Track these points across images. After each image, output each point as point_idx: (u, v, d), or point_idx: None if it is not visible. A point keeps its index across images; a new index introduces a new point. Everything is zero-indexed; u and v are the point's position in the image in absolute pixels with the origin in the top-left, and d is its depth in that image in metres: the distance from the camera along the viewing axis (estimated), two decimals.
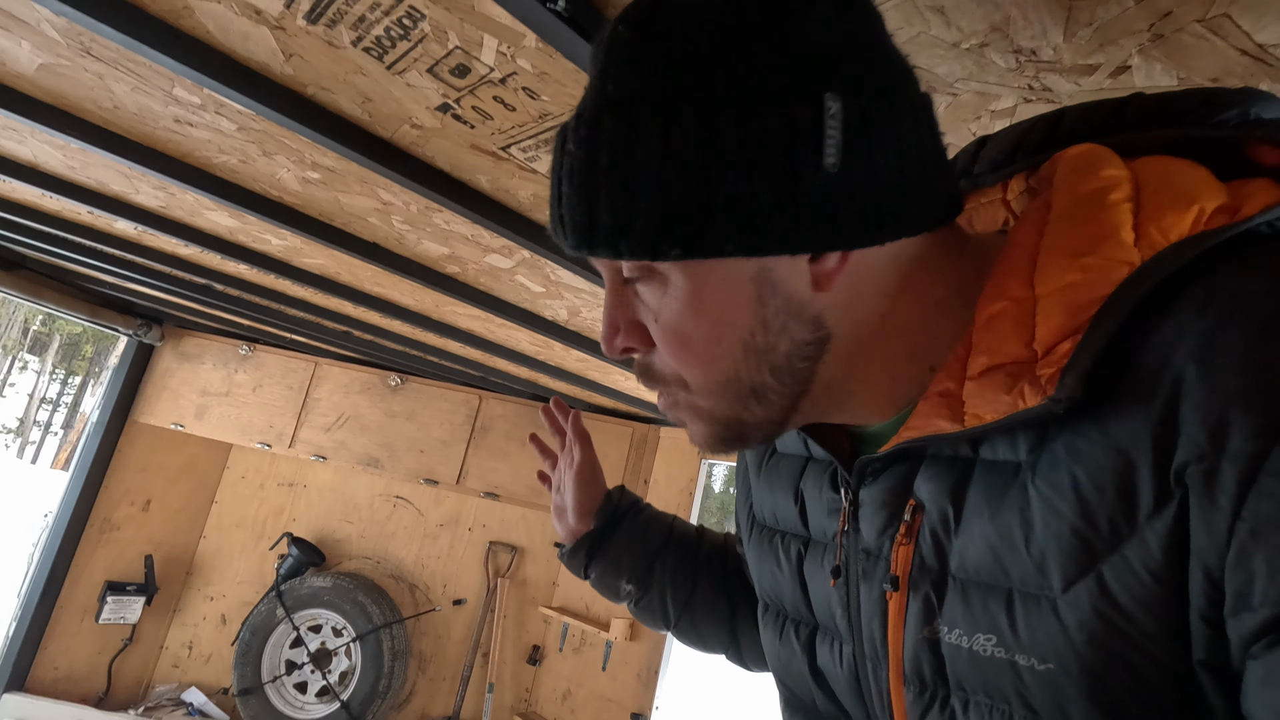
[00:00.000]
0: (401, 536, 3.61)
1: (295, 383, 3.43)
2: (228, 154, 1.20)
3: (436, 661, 3.45)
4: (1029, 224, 0.41)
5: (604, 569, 0.79)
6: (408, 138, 1.00)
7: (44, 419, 36.70)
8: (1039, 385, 0.35)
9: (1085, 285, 0.36)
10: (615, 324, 0.46)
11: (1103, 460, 0.34)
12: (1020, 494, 0.37)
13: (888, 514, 0.45)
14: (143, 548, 3.49)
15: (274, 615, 3.39)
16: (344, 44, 0.80)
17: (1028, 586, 0.37)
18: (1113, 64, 0.58)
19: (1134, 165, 0.39)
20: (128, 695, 3.46)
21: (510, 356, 2.35)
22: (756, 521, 0.63)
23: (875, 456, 0.45)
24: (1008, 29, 0.57)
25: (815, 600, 0.54)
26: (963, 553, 0.40)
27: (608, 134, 0.38)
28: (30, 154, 1.41)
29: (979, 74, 0.63)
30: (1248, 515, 0.29)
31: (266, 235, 1.64)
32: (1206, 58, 0.56)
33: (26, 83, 1.07)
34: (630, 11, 0.41)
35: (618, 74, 0.40)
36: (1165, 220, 0.36)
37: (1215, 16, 0.52)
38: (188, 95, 1.01)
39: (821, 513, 0.53)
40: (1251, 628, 0.29)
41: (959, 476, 0.41)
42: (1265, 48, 0.53)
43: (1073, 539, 0.35)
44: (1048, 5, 0.54)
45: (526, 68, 0.77)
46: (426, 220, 1.33)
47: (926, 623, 0.42)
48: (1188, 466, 0.31)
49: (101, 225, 1.88)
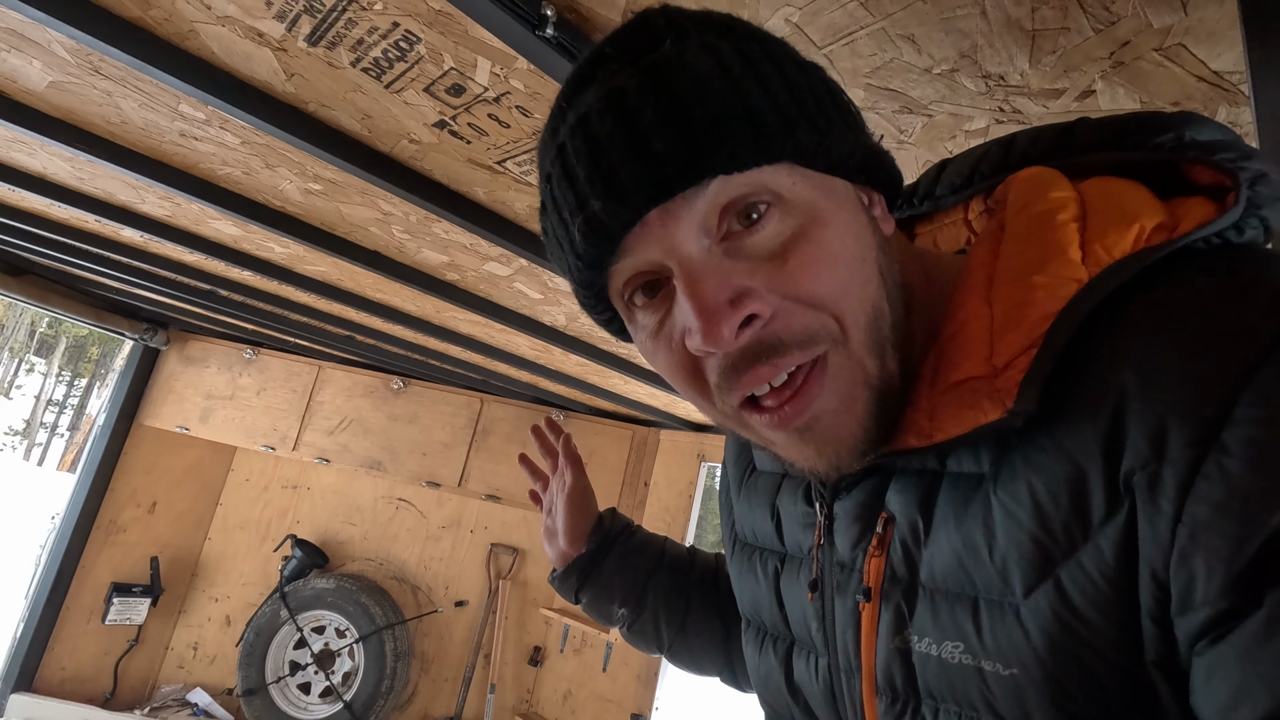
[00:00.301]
0: (404, 538, 3.64)
1: (299, 386, 3.46)
2: (232, 166, 1.23)
3: (439, 662, 3.48)
4: (985, 244, 0.43)
5: (596, 593, 0.79)
6: (406, 152, 1.03)
7: (50, 421, 36.84)
8: (998, 399, 0.37)
9: (1037, 302, 0.37)
10: (724, 290, 0.38)
11: (1057, 469, 0.35)
12: (983, 504, 0.38)
13: (860, 526, 0.46)
14: (148, 549, 3.53)
15: (278, 616, 3.42)
16: (343, 64, 0.83)
17: (992, 594, 0.38)
18: (1078, 89, 0.60)
19: (1081, 186, 0.41)
20: (134, 696, 3.49)
21: (510, 360, 2.38)
22: (737, 539, 0.64)
23: (848, 472, 0.46)
24: (976, 56, 0.59)
25: (791, 615, 0.55)
26: (931, 563, 0.41)
27: (729, 50, 0.39)
28: (40, 166, 1.45)
29: (952, 97, 0.65)
30: (1187, 519, 0.30)
31: (270, 243, 1.67)
32: (1166, 83, 0.58)
33: (36, 99, 1.10)
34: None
35: (694, 26, 0.41)
36: (1109, 239, 0.37)
37: (1171, 45, 0.54)
38: (193, 111, 1.04)
39: (797, 527, 0.54)
40: (1195, 626, 0.31)
41: (927, 489, 0.42)
42: (1221, 74, 0.56)
43: (1032, 546, 0.36)
44: (1012, 34, 0.56)
45: (519, 87, 0.80)
46: (426, 230, 1.36)
47: (897, 632, 0.42)
48: (1134, 474, 0.32)
49: (108, 233, 1.91)
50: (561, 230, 0.42)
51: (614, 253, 0.40)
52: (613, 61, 0.40)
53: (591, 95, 0.39)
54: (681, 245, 0.39)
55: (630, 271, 0.41)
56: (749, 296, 0.38)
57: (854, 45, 0.61)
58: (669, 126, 0.36)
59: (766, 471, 0.60)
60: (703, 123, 0.36)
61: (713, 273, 0.38)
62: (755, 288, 0.38)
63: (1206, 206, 0.37)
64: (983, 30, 0.56)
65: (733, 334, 0.38)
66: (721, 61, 0.38)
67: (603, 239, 0.39)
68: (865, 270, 0.40)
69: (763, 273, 0.38)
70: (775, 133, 0.37)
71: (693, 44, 0.39)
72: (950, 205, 0.51)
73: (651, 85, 0.37)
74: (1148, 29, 0.53)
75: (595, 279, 0.42)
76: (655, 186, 0.37)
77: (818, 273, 0.39)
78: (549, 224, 0.44)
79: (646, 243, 0.39)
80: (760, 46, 0.40)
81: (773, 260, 0.39)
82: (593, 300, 0.46)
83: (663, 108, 0.37)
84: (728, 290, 0.38)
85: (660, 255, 0.39)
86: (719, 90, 0.37)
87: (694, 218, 0.38)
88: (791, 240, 0.39)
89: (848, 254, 0.40)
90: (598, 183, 0.38)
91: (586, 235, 0.39)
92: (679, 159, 0.36)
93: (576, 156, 0.39)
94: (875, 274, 0.41)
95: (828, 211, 0.40)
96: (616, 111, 0.37)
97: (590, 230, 0.39)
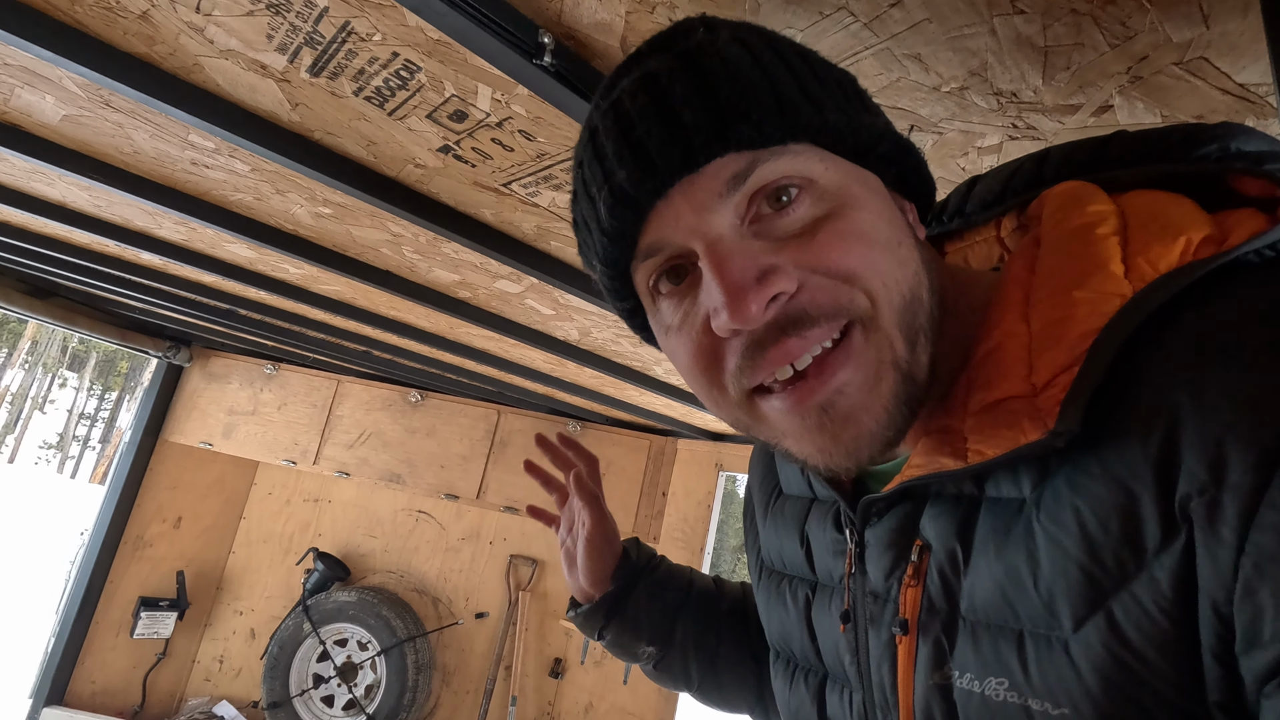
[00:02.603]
0: (424, 551, 3.65)
1: (319, 400, 3.49)
2: (243, 192, 1.24)
3: (460, 675, 3.48)
4: (1021, 260, 0.41)
5: (621, 630, 0.73)
6: (412, 176, 1.03)
7: (82, 434, 37.69)
8: (1039, 419, 0.35)
9: (1079, 318, 0.35)
10: (751, 268, 0.37)
11: (1104, 494, 0.33)
12: (1026, 531, 0.36)
13: (894, 555, 0.44)
14: (174, 564, 3.58)
15: (301, 629, 3.45)
16: (346, 94, 0.82)
17: (1038, 627, 0.36)
18: (1094, 104, 0.58)
19: (1120, 200, 0.40)
20: (162, 709, 3.54)
21: (525, 374, 2.38)
22: (765, 566, 0.62)
23: (879, 496, 0.44)
24: (986, 74, 0.57)
25: (824, 646, 0.53)
26: (971, 593, 0.39)
27: (759, 42, 0.40)
28: (59, 194, 1.47)
29: (962, 114, 0.63)
30: (1251, 549, 0.28)
31: (284, 264, 1.69)
32: (1187, 97, 0.55)
33: (51, 132, 1.11)
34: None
35: (727, 25, 0.42)
36: (1153, 252, 0.35)
37: (1193, 59, 0.52)
38: (202, 141, 1.05)
39: (827, 555, 0.52)
40: (1263, 666, 0.28)
41: (965, 515, 0.40)
42: (1247, 87, 0.53)
43: (1080, 577, 0.34)
44: (1023, 51, 0.54)
45: (521, 113, 0.79)
46: (436, 250, 1.36)
47: (937, 668, 0.40)
48: (1190, 500, 0.30)
49: (128, 256, 1.94)
50: (589, 208, 0.42)
51: (640, 228, 0.40)
52: (649, 54, 0.41)
53: (626, 81, 0.40)
54: (709, 227, 0.38)
55: (657, 259, 0.41)
56: (775, 273, 0.37)
57: (859, 65, 0.59)
58: (697, 99, 0.37)
59: (794, 496, 0.58)
60: (730, 97, 0.37)
61: (740, 252, 0.38)
62: (780, 264, 0.37)
63: (1257, 218, 0.35)
64: (992, 48, 0.54)
65: (760, 310, 0.37)
66: (751, 50, 0.39)
67: (629, 210, 0.39)
68: (900, 253, 0.39)
69: (790, 249, 0.38)
70: (802, 110, 0.38)
71: (724, 35, 0.40)
72: (981, 222, 0.49)
73: (683, 66, 0.38)
74: (1167, 43, 0.51)
75: (620, 255, 0.42)
76: (683, 156, 0.37)
77: (848, 246, 0.38)
78: (578, 211, 0.44)
79: (673, 224, 0.39)
80: (790, 45, 0.41)
81: (801, 237, 0.38)
82: (617, 284, 0.45)
83: (693, 84, 0.37)
84: (754, 268, 0.37)
85: (684, 238, 0.39)
86: (747, 70, 0.38)
87: (720, 196, 0.38)
88: (824, 218, 0.38)
89: (880, 235, 0.39)
90: (626, 155, 0.38)
91: (612, 207, 0.39)
92: (706, 130, 0.37)
93: (606, 135, 0.39)
94: (913, 259, 0.40)
95: (861, 196, 0.39)
96: (649, 90, 0.38)
97: (616, 201, 0.39)
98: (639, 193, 0.38)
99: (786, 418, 0.39)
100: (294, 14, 0.69)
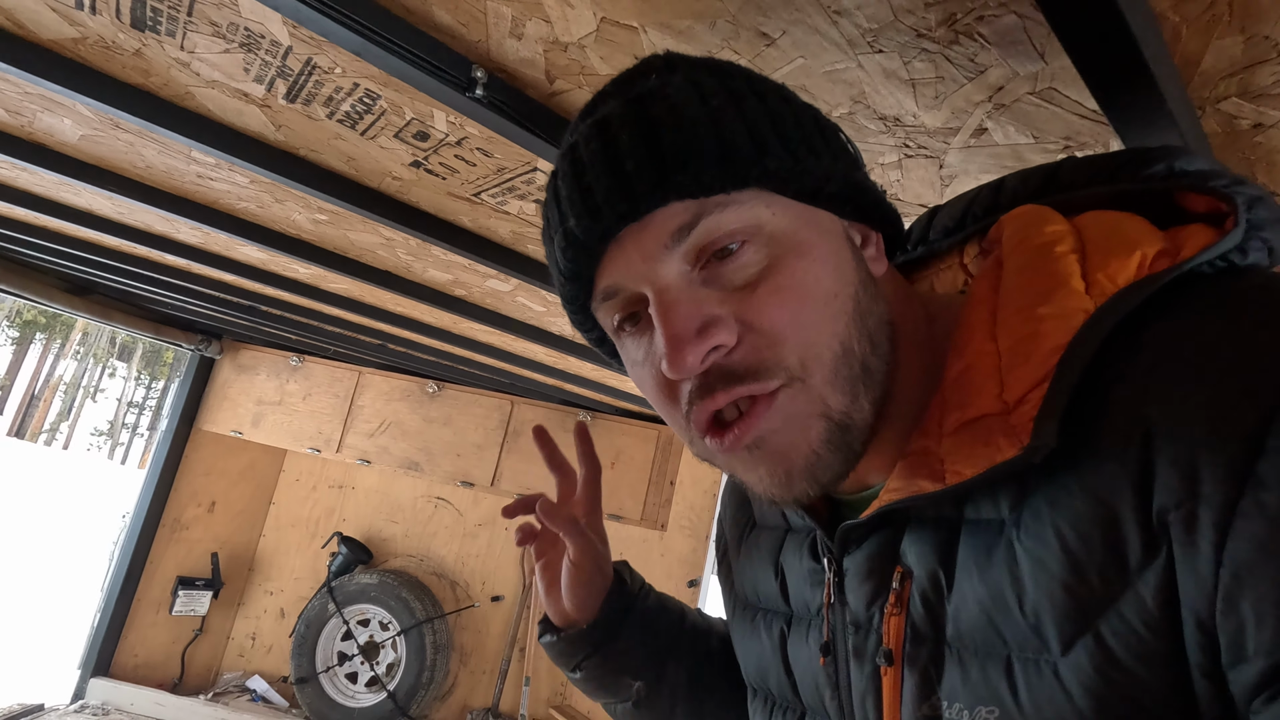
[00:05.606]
0: (443, 536, 3.79)
1: (341, 391, 3.64)
2: (246, 201, 1.34)
3: (477, 655, 3.62)
4: (985, 281, 0.42)
5: (604, 663, 0.63)
6: (391, 187, 1.11)
7: (131, 421, 39.17)
8: (1014, 436, 0.35)
9: (1046, 334, 0.36)
10: (693, 320, 0.39)
11: (1084, 510, 0.33)
12: (1007, 552, 0.36)
13: (875, 583, 0.43)
14: (209, 546, 3.77)
15: (326, 610, 3.62)
16: (320, 117, 0.91)
17: (1026, 651, 0.35)
18: (969, 128, 0.63)
19: (1075, 221, 0.41)
20: (199, 682, 3.75)
21: (531, 366, 2.47)
22: (738, 600, 0.60)
23: (858, 522, 0.43)
24: (866, 101, 0.63)
25: (801, 682, 0.51)
26: (956, 619, 0.38)
27: (712, 83, 0.40)
28: (85, 203, 1.59)
29: (858, 136, 0.68)
30: (1228, 560, 0.28)
31: (294, 265, 1.79)
32: (1052, 121, 0.60)
33: (72, 149, 1.22)
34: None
35: (685, 64, 0.43)
36: (1111, 267, 0.36)
37: (1044, 89, 0.56)
38: (204, 157, 1.14)
39: (804, 585, 0.51)
40: (1250, 680, 0.28)
41: (946, 539, 0.39)
42: (1099, 113, 0.58)
43: (1065, 596, 0.33)
44: (893, 83, 0.59)
45: (475, 133, 0.86)
46: (426, 252, 1.44)
47: (925, 698, 0.39)
48: (1168, 513, 0.30)
49: (154, 257, 2.07)
50: (549, 248, 0.44)
51: (595, 269, 0.42)
52: (611, 94, 0.43)
53: (585, 125, 0.42)
54: (656, 276, 0.40)
55: (614, 302, 0.42)
56: (715, 325, 0.38)
57: None
58: (642, 148, 0.38)
59: (769, 527, 0.57)
60: (672, 145, 0.38)
61: (685, 301, 0.39)
62: (723, 316, 0.39)
63: (1207, 232, 0.37)
64: (865, 80, 0.60)
65: (697, 361, 0.38)
66: (702, 92, 0.39)
67: (582, 253, 0.41)
68: (835, 305, 0.40)
69: (732, 301, 0.39)
70: (744, 158, 0.38)
71: (678, 78, 0.41)
72: (945, 249, 0.51)
73: (633, 113, 0.39)
74: (1016, 76, 0.56)
75: (578, 294, 0.44)
76: (626, 204, 0.38)
77: (782, 302, 0.39)
78: (546, 245, 0.46)
79: (624, 269, 0.40)
80: (747, 83, 0.41)
81: (744, 289, 0.39)
82: (580, 317, 0.47)
83: (639, 132, 0.38)
84: (697, 319, 0.38)
85: (635, 284, 0.40)
86: (692, 116, 0.38)
87: (667, 248, 0.39)
88: (765, 270, 0.39)
89: (819, 288, 0.39)
90: (577, 200, 0.40)
91: (565, 250, 0.41)
92: (648, 179, 0.38)
93: (562, 179, 0.41)
94: (848, 310, 0.40)
95: (807, 242, 0.40)
96: (600, 135, 0.40)
97: (569, 245, 0.41)
98: (588, 239, 0.40)
99: (724, 457, 0.42)
100: (264, 51, 0.77)
